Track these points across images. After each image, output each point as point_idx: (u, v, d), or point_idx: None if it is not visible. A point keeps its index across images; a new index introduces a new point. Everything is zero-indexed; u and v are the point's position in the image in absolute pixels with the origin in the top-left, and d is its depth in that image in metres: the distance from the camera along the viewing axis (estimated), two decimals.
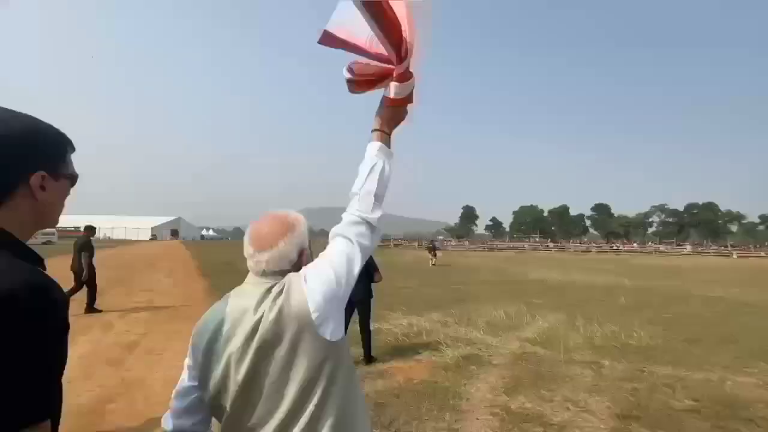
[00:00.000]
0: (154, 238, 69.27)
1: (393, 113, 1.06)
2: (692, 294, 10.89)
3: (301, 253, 0.97)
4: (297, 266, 0.95)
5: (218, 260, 19.54)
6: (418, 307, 8.03)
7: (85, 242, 7.37)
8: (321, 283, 0.88)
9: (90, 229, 7.61)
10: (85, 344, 5.13)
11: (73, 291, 7.08)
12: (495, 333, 5.95)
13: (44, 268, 0.76)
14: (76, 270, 7.29)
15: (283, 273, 0.93)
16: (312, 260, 0.97)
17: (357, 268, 0.93)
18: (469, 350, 5.04)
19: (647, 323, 6.82)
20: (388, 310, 7.44)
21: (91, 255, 7.37)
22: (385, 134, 1.06)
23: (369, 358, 4.52)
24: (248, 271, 0.97)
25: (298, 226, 0.98)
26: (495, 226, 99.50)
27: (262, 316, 0.86)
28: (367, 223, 0.97)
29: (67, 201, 0.88)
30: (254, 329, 0.85)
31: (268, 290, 0.89)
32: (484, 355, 4.87)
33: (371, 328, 4.69)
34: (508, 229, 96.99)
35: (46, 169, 0.68)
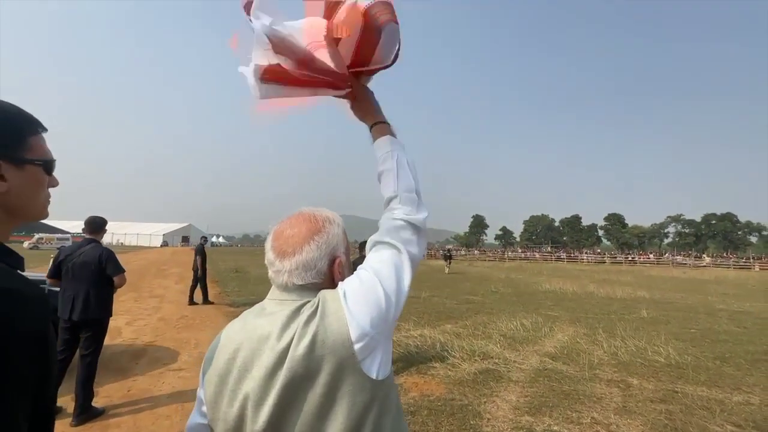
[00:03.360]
0: (165, 244, 70.16)
1: (369, 98, 0.99)
2: (717, 308, 10.42)
3: (332, 262, 0.78)
4: (330, 279, 0.78)
5: (228, 267, 19.62)
6: (431, 317, 7.81)
7: (203, 248, 9.61)
8: (366, 303, 0.70)
9: (204, 239, 10.44)
10: None
11: (195, 287, 9.09)
12: (512, 347, 5.69)
13: (23, 269, 0.67)
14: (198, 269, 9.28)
15: (313, 288, 0.75)
16: (350, 273, 0.79)
17: (407, 283, 0.76)
18: (487, 365, 4.80)
19: (673, 339, 6.47)
20: (399, 321, 7.24)
21: (204, 257, 9.40)
22: (387, 125, 0.96)
23: None
24: (262, 278, 0.80)
25: (330, 227, 0.79)
26: (505, 235, 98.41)
27: (288, 346, 0.67)
28: (414, 226, 0.82)
29: (56, 191, 0.75)
30: (278, 363, 0.67)
31: (297, 311, 0.71)
32: (502, 370, 4.63)
33: None
34: (518, 239, 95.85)
35: (1, 157, 0.61)
